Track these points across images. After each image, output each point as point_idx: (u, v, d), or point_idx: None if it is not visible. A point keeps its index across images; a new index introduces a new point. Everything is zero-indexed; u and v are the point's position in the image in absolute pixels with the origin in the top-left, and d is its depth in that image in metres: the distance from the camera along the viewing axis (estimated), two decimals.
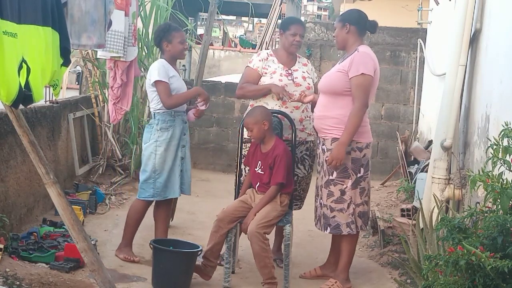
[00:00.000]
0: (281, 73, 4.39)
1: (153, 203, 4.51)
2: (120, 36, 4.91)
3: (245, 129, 4.23)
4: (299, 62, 4.52)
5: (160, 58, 4.52)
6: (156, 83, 4.26)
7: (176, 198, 4.80)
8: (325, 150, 4.02)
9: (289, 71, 4.41)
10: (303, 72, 4.46)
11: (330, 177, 4.01)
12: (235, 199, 4.27)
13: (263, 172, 4.08)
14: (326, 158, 3.97)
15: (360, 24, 4.07)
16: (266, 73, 4.42)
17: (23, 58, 2.74)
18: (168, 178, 4.36)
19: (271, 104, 4.35)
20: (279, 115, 4.30)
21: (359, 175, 4.00)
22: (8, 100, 2.69)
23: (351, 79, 3.92)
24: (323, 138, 4.06)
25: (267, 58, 4.48)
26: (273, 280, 3.94)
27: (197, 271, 4.07)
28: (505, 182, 2.64)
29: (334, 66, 4.19)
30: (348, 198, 3.99)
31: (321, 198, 4.09)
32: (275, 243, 4.62)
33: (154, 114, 4.39)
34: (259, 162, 4.10)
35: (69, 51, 3.22)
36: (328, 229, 4.07)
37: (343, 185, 3.99)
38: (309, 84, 4.42)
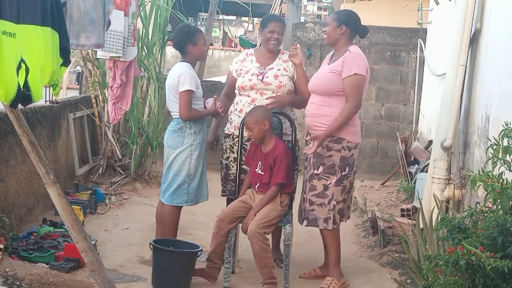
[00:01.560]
0: (253, 73, 4.35)
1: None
2: (120, 36, 4.90)
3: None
4: (279, 59, 4.41)
5: (182, 61, 4.29)
6: (185, 91, 4.12)
7: None
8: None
9: (262, 71, 4.34)
10: (278, 70, 4.34)
11: (315, 171, 4.05)
12: (235, 199, 4.27)
13: (263, 173, 4.08)
14: (307, 152, 4.01)
15: (354, 27, 4.14)
16: (241, 74, 4.41)
17: (21, 58, 2.74)
18: (200, 182, 4.29)
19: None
20: (279, 115, 4.29)
21: (343, 173, 4.04)
22: (7, 100, 2.69)
23: (344, 79, 3.97)
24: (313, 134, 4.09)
25: (244, 59, 4.47)
26: (273, 280, 3.94)
27: (202, 274, 4.07)
28: (505, 182, 2.64)
29: (321, 66, 4.26)
30: (330, 194, 4.03)
31: (304, 193, 4.14)
32: (272, 242, 4.61)
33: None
34: (259, 162, 4.09)
35: (68, 51, 3.22)
36: (305, 222, 4.12)
37: (327, 180, 4.03)
38: (281, 83, 4.30)
